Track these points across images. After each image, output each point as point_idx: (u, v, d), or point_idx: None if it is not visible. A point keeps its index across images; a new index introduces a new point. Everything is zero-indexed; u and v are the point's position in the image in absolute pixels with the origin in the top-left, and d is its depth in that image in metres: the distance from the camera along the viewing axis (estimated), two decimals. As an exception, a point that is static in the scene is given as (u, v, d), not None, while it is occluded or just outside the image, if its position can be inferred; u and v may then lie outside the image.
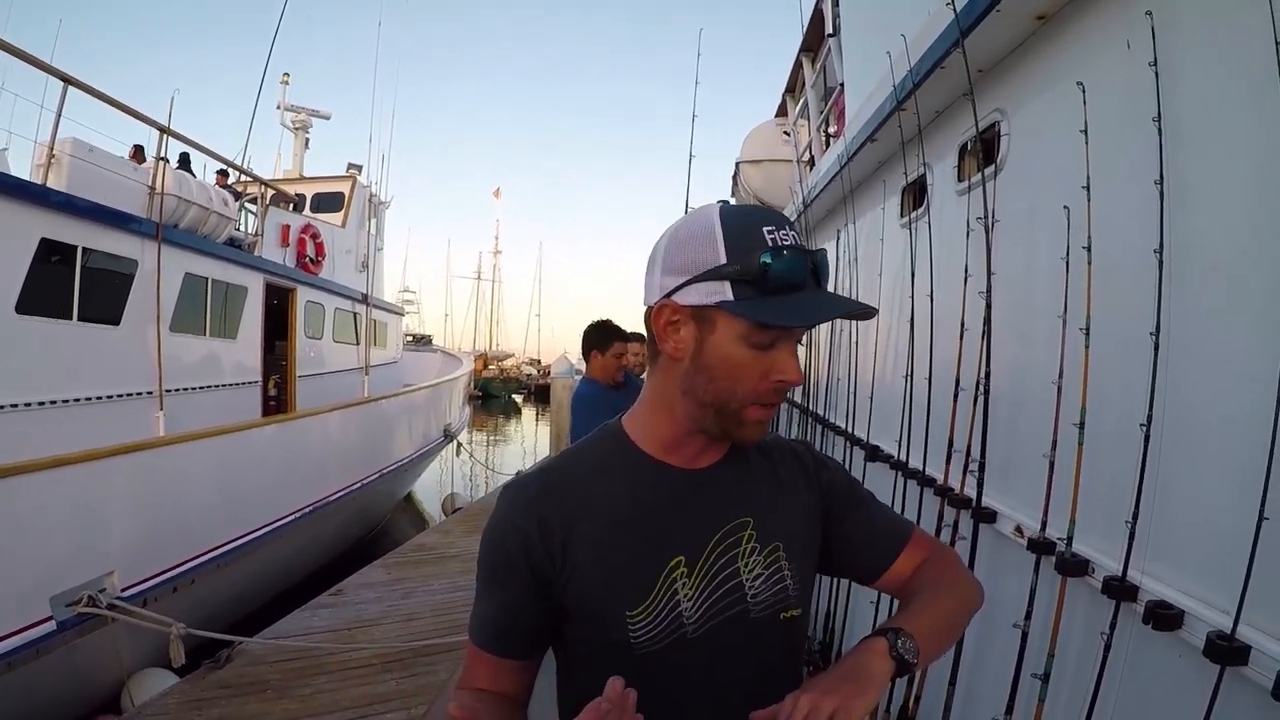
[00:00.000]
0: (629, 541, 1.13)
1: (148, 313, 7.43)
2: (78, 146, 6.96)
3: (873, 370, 4.46)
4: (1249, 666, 1.54)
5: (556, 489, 1.16)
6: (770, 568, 1.19)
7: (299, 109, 14.97)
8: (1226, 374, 1.80)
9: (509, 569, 1.14)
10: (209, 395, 8.55)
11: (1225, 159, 1.84)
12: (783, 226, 1.10)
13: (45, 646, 5.30)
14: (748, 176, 9.30)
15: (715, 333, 1.09)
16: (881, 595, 3.53)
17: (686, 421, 1.15)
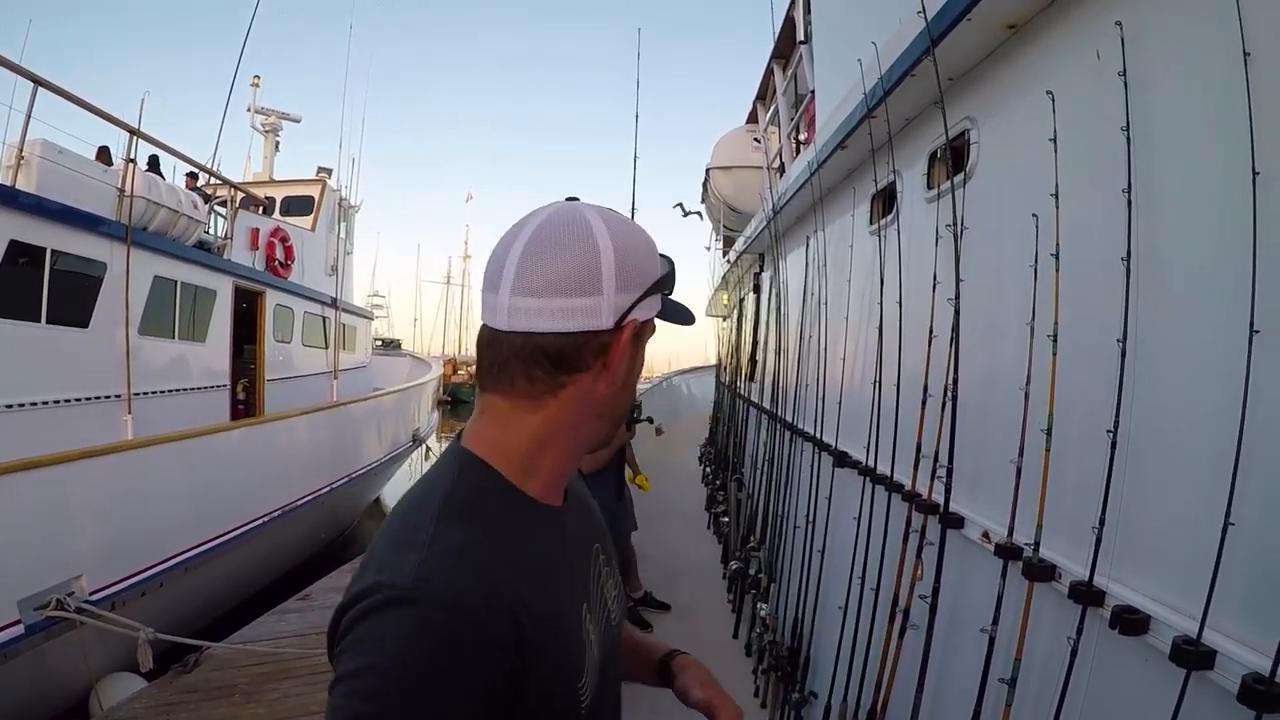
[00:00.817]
0: (558, 606, 0.98)
1: (116, 315, 7.32)
2: (47, 148, 6.87)
3: (841, 376, 4.44)
4: (1215, 671, 1.53)
5: (501, 576, 0.90)
6: (616, 585, 1.22)
7: (269, 111, 14.84)
8: (1192, 381, 1.79)
9: (488, 696, 0.87)
10: (177, 399, 8.43)
11: (1192, 167, 1.84)
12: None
13: (12, 650, 5.26)
14: (717, 183, 9.30)
15: (642, 345, 1.07)
16: (849, 601, 3.55)
17: (581, 449, 1.07)
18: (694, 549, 8.18)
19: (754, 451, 7.37)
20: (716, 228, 11.56)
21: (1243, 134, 1.58)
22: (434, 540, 0.89)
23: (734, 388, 10.24)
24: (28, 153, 6.66)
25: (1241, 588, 1.54)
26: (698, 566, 7.55)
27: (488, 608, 0.86)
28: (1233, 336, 1.60)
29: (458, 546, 0.90)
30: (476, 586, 0.87)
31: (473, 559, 0.89)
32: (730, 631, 5.86)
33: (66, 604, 5.48)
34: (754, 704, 4.67)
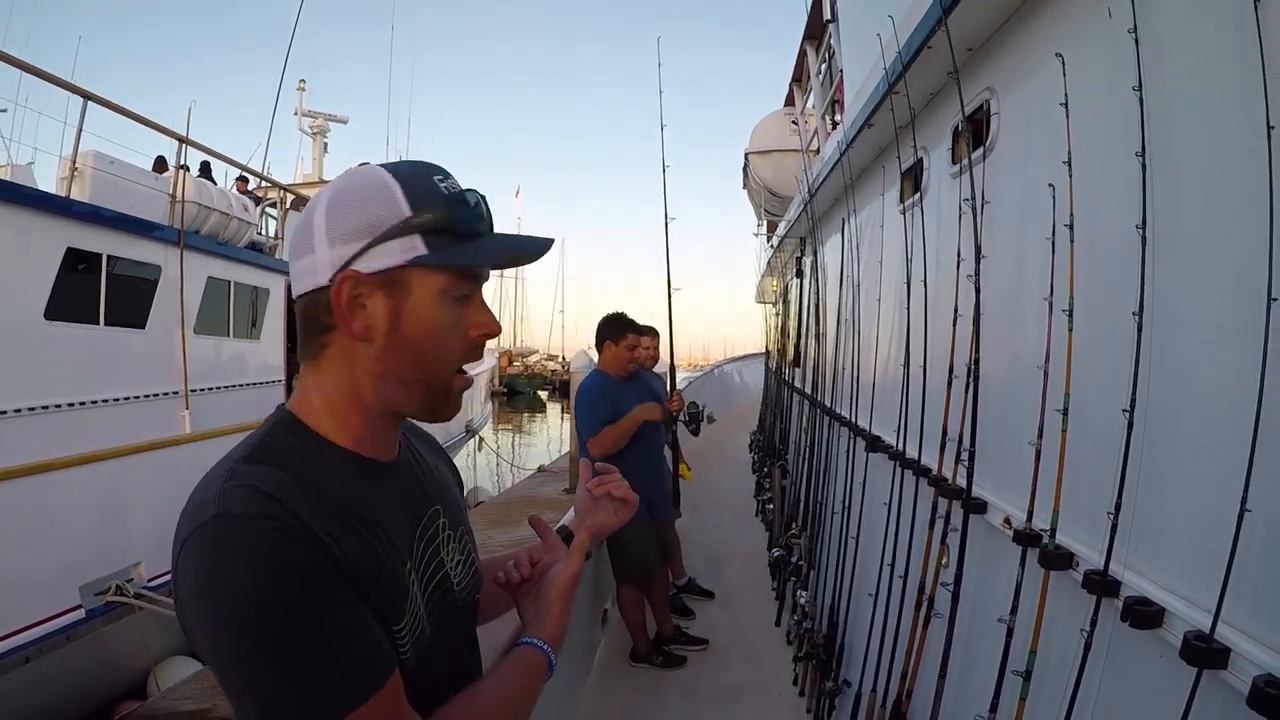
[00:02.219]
0: (374, 551, 0.94)
1: (172, 316, 7.48)
2: (99, 159, 7.05)
3: (874, 360, 4.31)
4: (1228, 670, 1.39)
5: (294, 503, 0.88)
6: (464, 552, 1.18)
7: (316, 114, 15.08)
8: (1208, 355, 1.65)
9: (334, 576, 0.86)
10: (234, 394, 8.59)
11: (1205, 126, 1.68)
12: (449, 176, 1.03)
13: (74, 633, 5.50)
14: (756, 167, 9.11)
15: (412, 297, 0.97)
16: (880, 589, 3.42)
17: (382, 409, 1.02)
18: (740, 536, 8.06)
19: (797, 438, 7.24)
20: (758, 212, 11.36)
21: (1256, 86, 1.43)
22: (232, 475, 0.89)
23: (780, 374, 10.08)
24: (80, 164, 6.84)
25: (1259, 579, 1.40)
26: (744, 554, 7.43)
27: (292, 516, 0.85)
28: (1250, 306, 1.45)
29: (259, 477, 0.89)
30: (275, 504, 0.86)
31: (273, 487, 0.88)
32: (773, 619, 5.75)
33: (126, 590, 5.71)
34: (793, 691, 4.57)
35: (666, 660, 4.92)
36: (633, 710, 4.38)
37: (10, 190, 6.01)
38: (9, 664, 5.05)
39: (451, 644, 1.10)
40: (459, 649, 1.13)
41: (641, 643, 4.91)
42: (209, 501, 0.86)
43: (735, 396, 18.57)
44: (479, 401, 16.47)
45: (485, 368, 17.83)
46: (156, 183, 7.69)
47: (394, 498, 1.04)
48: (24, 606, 5.28)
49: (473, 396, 15.70)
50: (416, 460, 1.16)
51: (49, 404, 6.12)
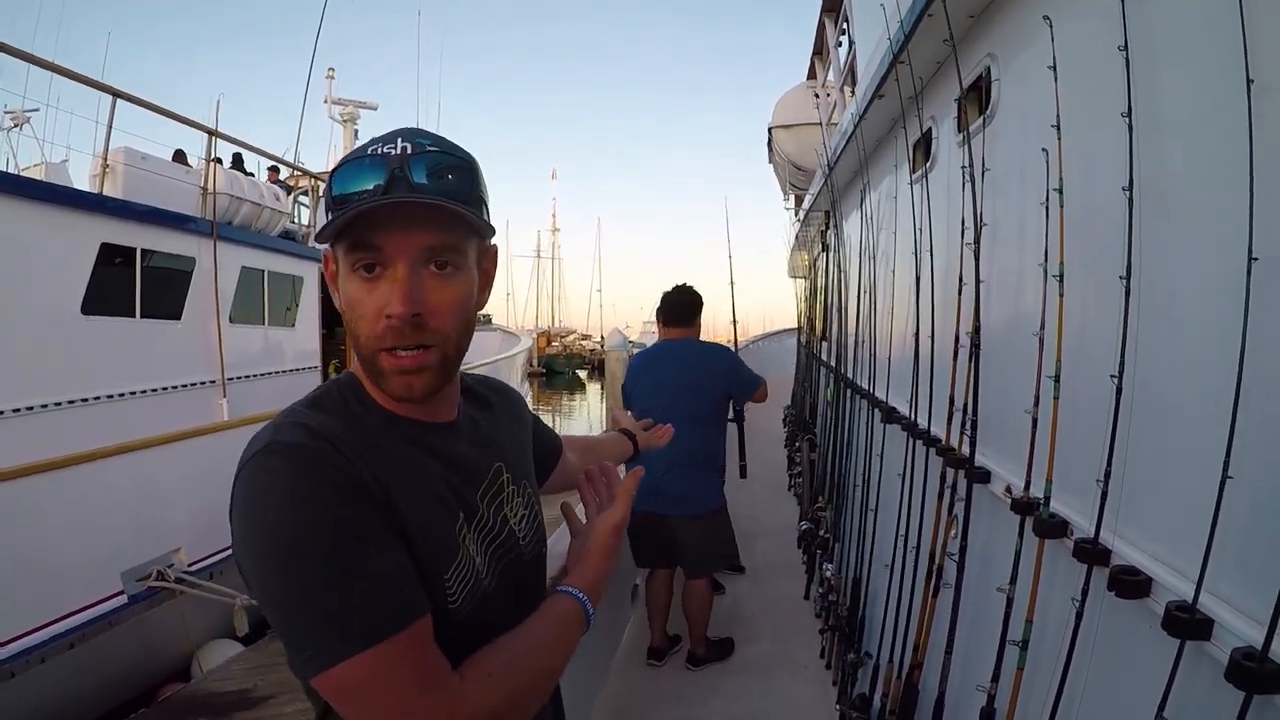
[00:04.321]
0: (423, 502, 0.98)
1: (207, 306, 7.59)
2: (130, 155, 7.17)
3: (890, 331, 4.25)
4: (1211, 642, 1.35)
5: (343, 446, 0.92)
6: (529, 507, 1.20)
7: (345, 101, 15.19)
8: (1194, 318, 1.59)
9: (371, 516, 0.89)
10: (271, 381, 8.72)
11: (1187, 81, 1.62)
12: (394, 140, 0.97)
13: (117, 619, 5.62)
14: (780, 141, 8.97)
15: (340, 272, 0.99)
16: (895, 559, 3.39)
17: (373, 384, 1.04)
18: (772, 511, 8.01)
19: (824, 411, 7.18)
20: (784, 186, 11.23)
21: (1235, 37, 1.37)
22: (290, 414, 0.96)
23: (810, 348, 9.99)
24: (112, 161, 6.97)
25: (1241, 548, 1.36)
26: (775, 529, 7.38)
27: (338, 454, 0.89)
28: (1233, 265, 1.40)
29: (314, 419, 0.94)
30: (325, 441, 0.90)
31: (324, 429, 0.92)
32: (802, 593, 5.73)
33: (167, 575, 5.80)
34: (820, 664, 4.56)
35: (722, 651, 4.70)
36: (663, 683, 4.39)
37: (43, 188, 6.13)
38: (54, 650, 5.16)
39: (517, 595, 1.11)
40: (523, 600, 1.11)
41: (701, 645, 4.59)
42: (264, 435, 0.92)
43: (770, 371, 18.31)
44: (514, 382, 16.53)
45: (522, 348, 17.88)
46: (187, 176, 7.80)
47: (447, 459, 1.06)
48: (68, 594, 5.40)
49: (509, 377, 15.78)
50: (479, 419, 1.18)
51: (88, 397, 6.26)
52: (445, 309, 0.97)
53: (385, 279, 0.94)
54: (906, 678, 2.94)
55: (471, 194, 0.99)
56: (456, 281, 0.99)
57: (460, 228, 0.98)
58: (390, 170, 0.93)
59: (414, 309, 0.93)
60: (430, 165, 0.95)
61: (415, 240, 0.94)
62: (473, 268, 1.03)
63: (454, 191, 0.96)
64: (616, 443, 1.98)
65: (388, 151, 0.94)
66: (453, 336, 0.99)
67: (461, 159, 1.00)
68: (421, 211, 0.93)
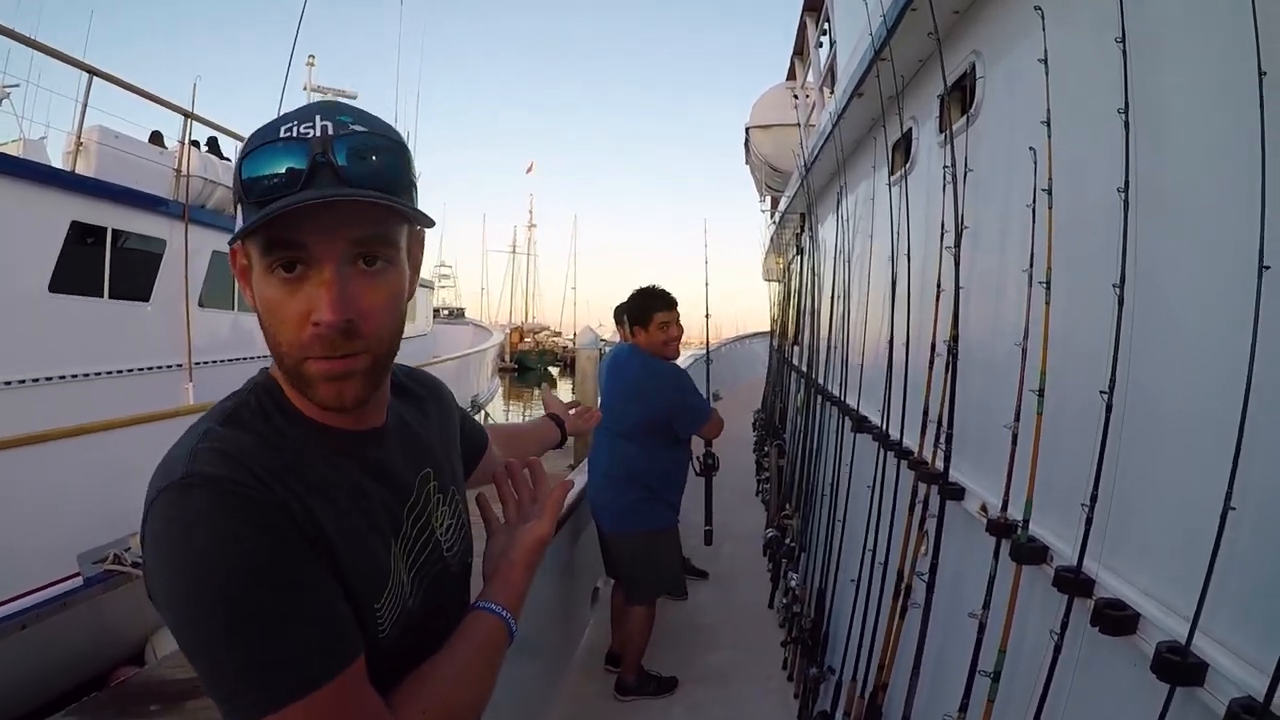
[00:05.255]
0: (353, 526, 0.87)
1: (177, 289, 7.38)
2: (104, 134, 7.02)
3: (863, 337, 4.10)
4: (1205, 689, 1.19)
5: (264, 468, 0.81)
6: (455, 516, 1.10)
7: (325, 89, 15.09)
8: (1195, 331, 1.43)
9: (302, 555, 0.79)
10: (240, 367, 8.45)
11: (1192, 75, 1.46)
12: (312, 118, 0.82)
13: (71, 600, 5.48)
14: (757, 142, 8.84)
15: (254, 270, 0.84)
16: (862, 574, 3.23)
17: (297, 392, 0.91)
18: (739, 516, 7.83)
19: (794, 417, 7.03)
20: (760, 188, 11.10)
21: (1245, 27, 1.21)
22: (205, 436, 0.82)
23: (782, 352, 9.86)
24: (86, 139, 6.80)
25: (1242, 586, 1.20)
26: (741, 535, 7.19)
27: (260, 483, 0.78)
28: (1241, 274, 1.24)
29: (231, 440, 0.82)
30: (244, 470, 0.79)
31: (244, 452, 0.81)
32: (766, 601, 5.57)
33: (123, 558, 5.67)
34: (782, 675, 4.40)
35: (659, 687, 4.24)
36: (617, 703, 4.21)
37: (13, 164, 5.95)
38: (6, 629, 5.02)
39: (439, 613, 1.01)
40: (447, 617, 1.01)
41: (632, 673, 4.20)
42: (179, 460, 0.80)
43: (742, 374, 18.30)
44: (485, 377, 16.36)
45: (493, 343, 17.73)
46: (161, 157, 7.60)
47: (375, 470, 0.95)
48: (22, 574, 5.25)
49: (480, 372, 15.58)
50: (407, 421, 1.06)
51: (53, 375, 6.05)
52: (378, 311, 0.85)
53: (309, 280, 0.81)
54: (870, 698, 2.78)
55: (402, 179, 0.85)
56: (388, 278, 0.86)
57: (392, 216, 0.85)
58: (311, 155, 0.79)
59: (345, 315, 0.81)
60: (355, 148, 0.81)
61: (342, 235, 0.81)
62: (404, 259, 0.90)
63: (384, 178, 0.83)
64: (542, 430, 1.79)
65: (305, 134, 0.80)
66: (385, 338, 0.88)
67: (391, 139, 0.86)
68: (351, 206, 0.79)
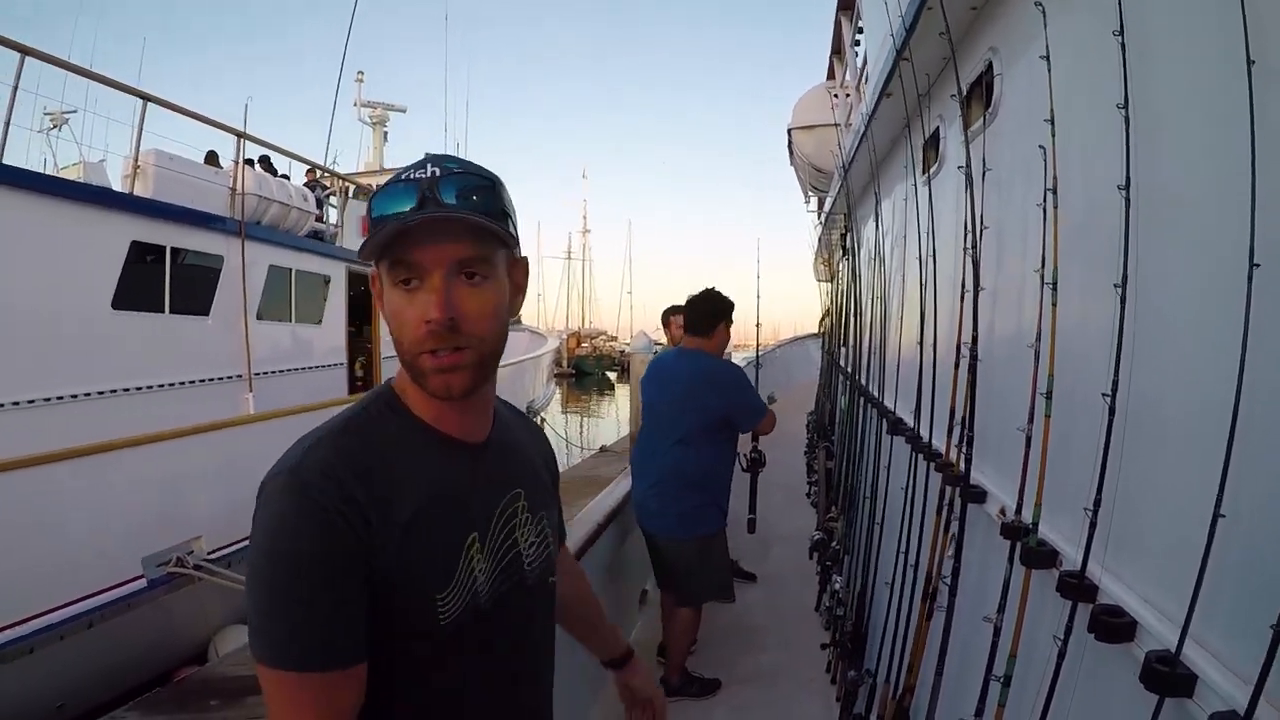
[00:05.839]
0: (431, 521, 1.03)
1: (235, 303, 7.58)
2: (160, 156, 7.25)
3: (899, 338, 4.05)
4: (1194, 701, 1.15)
5: (351, 469, 0.99)
6: (539, 535, 1.21)
7: (375, 104, 15.25)
8: (1192, 331, 1.40)
9: (330, 561, 0.94)
10: (297, 377, 8.71)
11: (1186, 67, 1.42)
12: (425, 166, 1.02)
13: (136, 601, 5.70)
14: (799, 143, 8.73)
15: (384, 287, 1.04)
16: (896, 577, 3.19)
17: (417, 386, 1.07)
18: (789, 518, 7.75)
19: (840, 419, 6.95)
20: (805, 188, 10.99)
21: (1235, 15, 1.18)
22: (320, 441, 1.01)
23: (831, 353, 9.74)
24: (143, 162, 7.02)
25: (1233, 595, 1.16)
26: (791, 536, 7.10)
27: (330, 487, 0.94)
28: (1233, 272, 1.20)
29: (336, 445, 1.00)
30: (321, 472, 0.96)
31: (343, 452, 0.99)
32: (814, 604, 5.52)
33: (185, 561, 5.86)
34: (825, 679, 4.36)
35: (702, 688, 4.25)
36: None
37: (75, 188, 6.19)
38: (73, 629, 5.22)
39: (510, 616, 1.13)
40: (518, 622, 1.16)
41: (677, 674, 4.20)
42: (293, 456, 0.99)
43: (797, 376, 18.13)
44: (541, 382, 16.46)
45: (549, 348, 17.82)
46: (216, 177, 7.81)
47: (478, 477, 1.12)
48: (89, 576, 5.45)
49: (536, 377, 15.69)
50: (508, 444, 1.21)
51: (117, 388, 6.27)
52: (477, 314, 1.01)
53: (423, 290, 1.00)
54: (899, 701, 2.74)
55: (495, 208, 1.04)
56: (487, 289, 1.03)
57: (487, 240, 1.02)
58: (421, 192, 0.98)
59: (449, 314, 0.98)
60: (457, 186, 1.00)
61: (447, 253, 0.99)
62: (503, 277, 1.08)
63: (479, 208, 1.01)
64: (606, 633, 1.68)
65: (418, 176, 1.00)
66: (487, 339, 1.04)
67: (485, 178, 1.05)
68: (449, 226, 0.99)
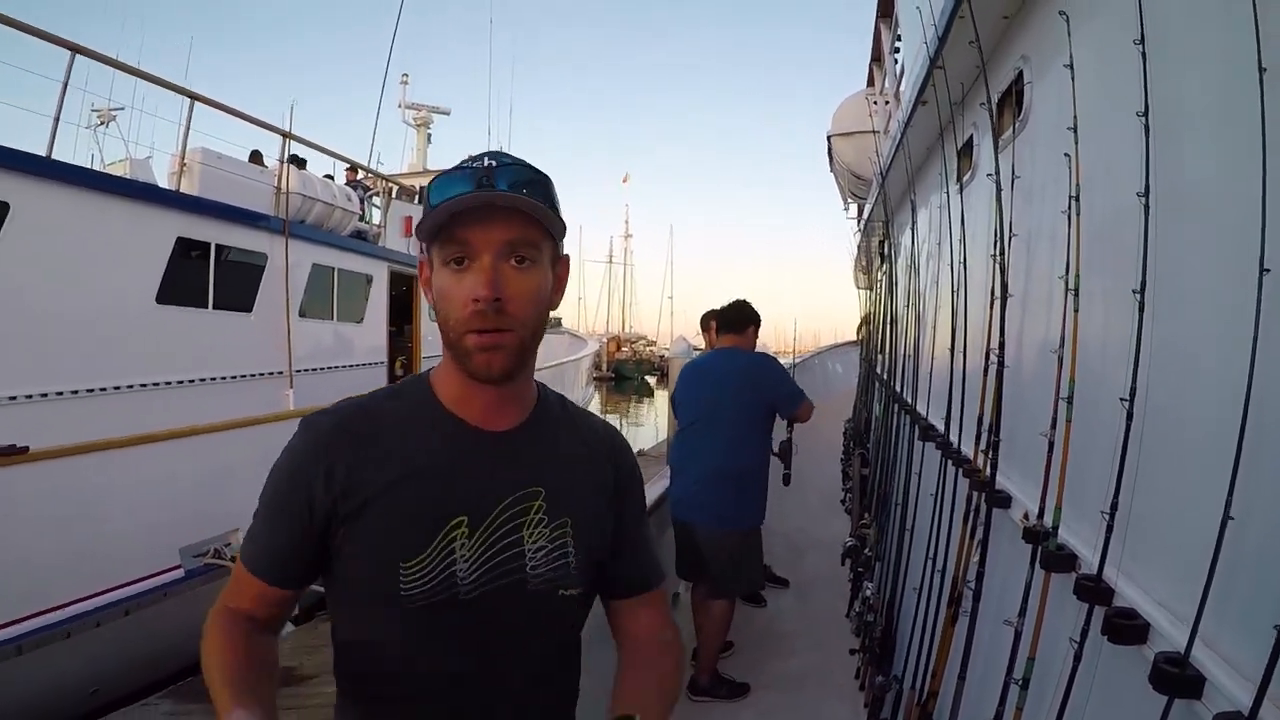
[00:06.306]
0: (414, 493, 1.09)
1: (278, 300, 7.73)
2: (207, 155, 7.41)
3: (932, 345, 4.06)
4: (1202, 702, 1.17)
5: (351, 430, 1.12)
6: (555, 542, 1.15)
7: (419, 106, 15.44)
8: (1206, 337, 1.42)
9: (289, 501, 1.10)
10: (338, 375, 8.86)
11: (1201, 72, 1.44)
12: (482, 159, 1.07)
13: (173, 590, 5.87)
14: (839, 150, 8.72)
15: (434, 268, 1.09)
16: (924, 583, 3.20)
17: (458, 369, 1.11)
18: (824, 525, 7.76)
19: (875, 426, 6.94)
20: (844, 195, 10.96)
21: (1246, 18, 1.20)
22: (350, 401, 1.17)
23: (870, 361, 9.71)
24: (189, 160, 7.18)
25: (1242, 597, 1.18)
26: (825, 543, 7.11)
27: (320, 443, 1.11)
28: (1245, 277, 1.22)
29: (348, 407, 1.15)
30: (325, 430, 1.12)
31: (342, 417, 1.14)
32: (845, 610, 5.52)
33: (223, 553, 5.98)
34: (854, 685, 4.36)
35: (731, 691, 4.26)
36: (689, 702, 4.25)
37: (123, 184, 6.37)
38: (110, 615, 5.37)
39: (498, 614, 1.11)
40: (507, 621, 1.13)
41: (707, 674, 4.22)
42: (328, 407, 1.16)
43: (834, 383, 18.02)
44: (579, 385, 16.56)
45: (587, 352, 17.92)
46: (261, 176, 7.99)
47: (486, 463, 1.13)
48: (127, 564, 5.61)
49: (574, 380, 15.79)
50: (544, 443, 1.20)
51: (160, 381, 6.43)
52: (522, 297, 1.06)
53: (472, 270, 1.04)
54: (923, 706, 2.76)
55: (545, 201, 1.09)
56: (533, 275, 1.08)
57: (535, 227, 1.07)
58: (478, 179, 1.04)
59: (495, 293, 1.02)
60: (510, 177, 1.06)
61: (497, 235, 1.04)
62: (547, 267, 1.12)
63: (530, 198, 1.06)
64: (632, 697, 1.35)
65: (475, 166, 1.06)
66: (529, 323, 1.08)
67: (537, 173, 1.10)
68: (502, 212, 1.04)
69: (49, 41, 5.76)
